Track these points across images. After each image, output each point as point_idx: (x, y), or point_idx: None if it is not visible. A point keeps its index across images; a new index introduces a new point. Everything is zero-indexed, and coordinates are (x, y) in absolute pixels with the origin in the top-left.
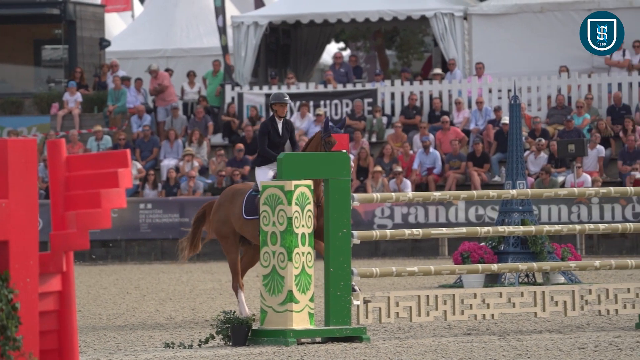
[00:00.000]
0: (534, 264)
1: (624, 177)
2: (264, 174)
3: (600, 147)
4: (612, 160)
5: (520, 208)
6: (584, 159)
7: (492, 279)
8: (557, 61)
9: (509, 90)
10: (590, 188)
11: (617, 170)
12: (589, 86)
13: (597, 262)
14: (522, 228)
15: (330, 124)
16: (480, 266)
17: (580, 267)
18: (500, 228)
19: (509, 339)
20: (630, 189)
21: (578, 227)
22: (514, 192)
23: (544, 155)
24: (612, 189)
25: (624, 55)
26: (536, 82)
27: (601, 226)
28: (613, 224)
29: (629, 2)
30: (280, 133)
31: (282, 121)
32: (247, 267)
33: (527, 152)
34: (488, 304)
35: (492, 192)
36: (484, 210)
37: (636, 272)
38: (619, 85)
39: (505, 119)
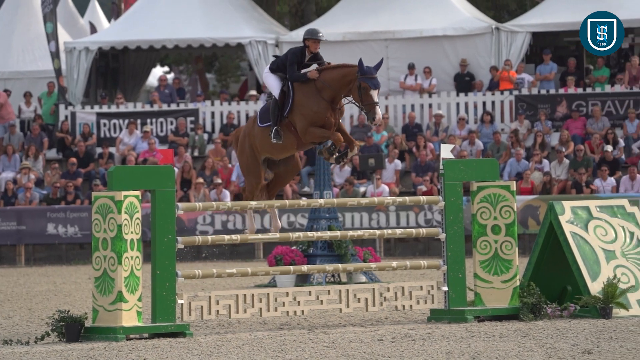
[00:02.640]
0: (339, 265)
1: (416, 187)
2: (274, 78)
3: (397, 161)
4: (407, 172)
5: (327, 215)
6: (383, 171)
7: (303, 279)
8: None
9: None
10: (388, 197)
11: (411, 182)
12: (387, 107)
13: (394, 263)
14: (328, 233)
15: (366, 65)
16: (291, 267)
17: (380, 268)
18: (309, 233)
19: (317, 332)
20: (422, 198)
21: (378, 232)
22: (321, 201)
23: (347, 168)
24: (407, 198)
25: (416, 79)
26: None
27: (398, 231)
28: (408, 229)
29: (419, 32)
30: (304, 65)
31: (311, 55)
32: (276, 186)
33: (332, 166)
34: (299, 302)
35: (302, 201)
36: (295, 218)
37: (428, 272)
38: (412, 106)
39: None
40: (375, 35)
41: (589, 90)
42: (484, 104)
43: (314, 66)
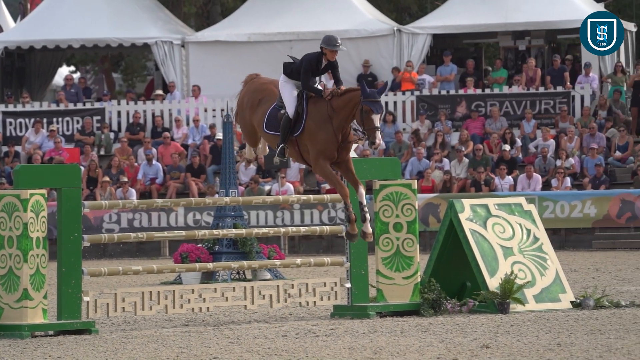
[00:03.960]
0: (245, 263)
1: (320, 186)
2: (290, 91)
3: None
4: (311, 171)
5: (233, 213)
6: (288, 170)
7: (208, 276)
8: None
9: (222, 110)
10: (293, 195)
11: (315, 180)
12: None
13: (298, 260)
14: (234, 231)
15: (368, 89)
16: (197, 265)
17: (284, 265)
18: (215, 231)
19: (222, 328)
20: (326, 196)
21: (282, 229)
22: (227, 199)
23: (252, 167)
24: (311, 196)
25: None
26: None
27: (302, 229)
28: (312, 227)
29: (323, 34)
30: (320, 71)
31: (327, 62)
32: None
33: (238, 164)
34: (204, 298)
35: (208, 200)
36: (201, 216)
37: (331, 269)
38: None
39: (219, 135)
40: (280, 36)
41: (487, 91)
42: (386, 104)
43: (328, 87)
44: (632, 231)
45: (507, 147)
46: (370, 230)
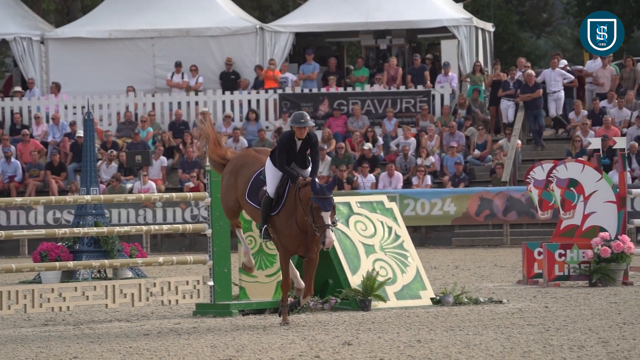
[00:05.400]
0: (106, 261)
1: (183, 184)
2: (275, 174)
3: (163, 158)
4: (174, 169)
5: (94, 212)
6: (150, 168)
7: (69, 275)
8: (125, 82)
9: (83, 107)
10: (155, 194)
11: (178, 178)
12: (153, 104)
13: (161, 259)
14: (95, 229)
15: (318, 185)
16: (57, 264)
17: (147, 263)
18: (76, 229)
19: (82, 328)
20: (189, 194)
21: (144, 228)
22: (88, 197)
23: (114, 165)
24: (174, 194)
25: (182, 77)
26: (107, 100)
27: (164, 227)
28: (175, 225)
29: (186, 32)
30: (297, 150)
31: (302, 140)
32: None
33: (99, 162)
34: (64, 297)
35: (68, 198)
36: (62, 214)
37: (194, 267)
38: (179, 104)
39: (80, 133)
40: (142, 33)
41: (349, 89)
42: (249, 102)
43: (305, 174)
44: (490, 228)
45: (369, 145)
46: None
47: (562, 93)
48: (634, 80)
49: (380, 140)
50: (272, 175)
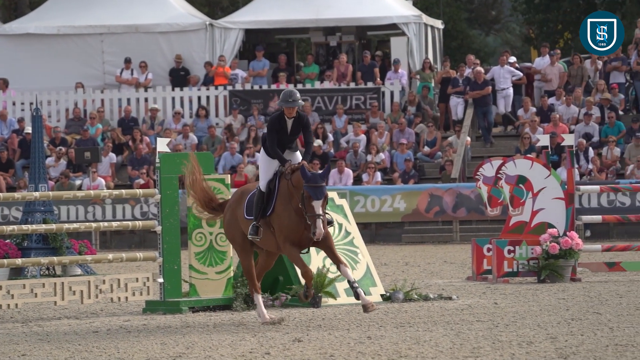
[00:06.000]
0: (55, 258)
1: (133, 180)
2: (268, 165)
3: (112, 155)
4: (123, 165)
5: (42, 208)
6: (99, 164)
7: (17, 272)
8: (74, 78)
9: (31, 103)
10: (105, 190)
11: (127, 175)
12: (102, 100)
13: (110, 256)
14: (44, 226)
15: (310, 173)
16: (5, 261)
17: (96, 260)
18: (24, 226)
19: (31, 325)
20: (139, 191)
21: (94, 224)
22: (36, 194)
23: (63, 162)
24: (123, 191)
25: (132, 74)
26: (55, 97)
27: (114, 224)
28: (124, 222)
29: (135, 28)
30: (289, 131)
31: (292, 119)
32: (262, 271)
33: (48, 159)
34: (12, 295)
35: (17, 195)
36: (9, 211)
37: (144, 264)
38: (128, 100)
39: (28, 129)
40: (90, 29)
41: (299, 86)
42: (199, 98)
43: (296, 158)
44: (440, 225)
45: (319, 142)
46: (369, 300)
47: (511, 90)
48: (581, 78)
49: (331, 137)
50: (264, 167)
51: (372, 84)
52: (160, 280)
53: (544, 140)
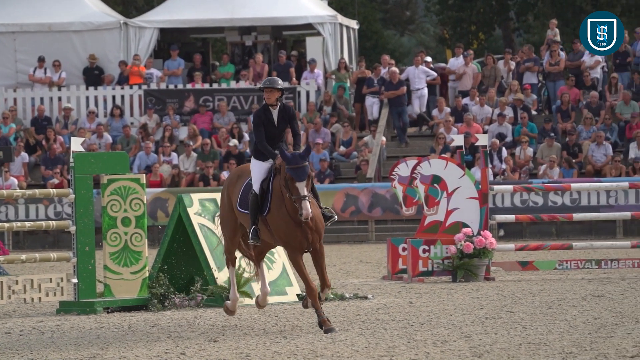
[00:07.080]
0: None
1: (47, 180)
2: (259, 168)
3: (25, 154)
4: (37, 165)
5: None
6: (11, 164)
7: None
8: None
9: None
10: (17, 190)
11: (40, 174)
12: (15, 99)
13: (23, 256)
14: None
15: (289, 154)
16: None
17: (9, 261)
18: None
19: None
20: (52, 190)
21: (7, 225)
22: None
23: None
24: (37, 190)
25: (45, 73)
26: None
27: (27, 224)
28: (38, 222)
29: (48, 27)
30: (276, 123)
31: (277, 109)
32: (266, 249)
33: None
34: None
35: None
36: None
37: (58, 264)
38: (42, 99)
39: None
40: (3, 27)
41: (215, 85)
42: (114, 97)
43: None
44: (355, 225)
45: (234, 141)
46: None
47: (426, 90)
48: (494, 78)
49: (246, 137)
50: (255, 169)
51: (287, 83)
52: (75, 280)
53: (458, 140)
